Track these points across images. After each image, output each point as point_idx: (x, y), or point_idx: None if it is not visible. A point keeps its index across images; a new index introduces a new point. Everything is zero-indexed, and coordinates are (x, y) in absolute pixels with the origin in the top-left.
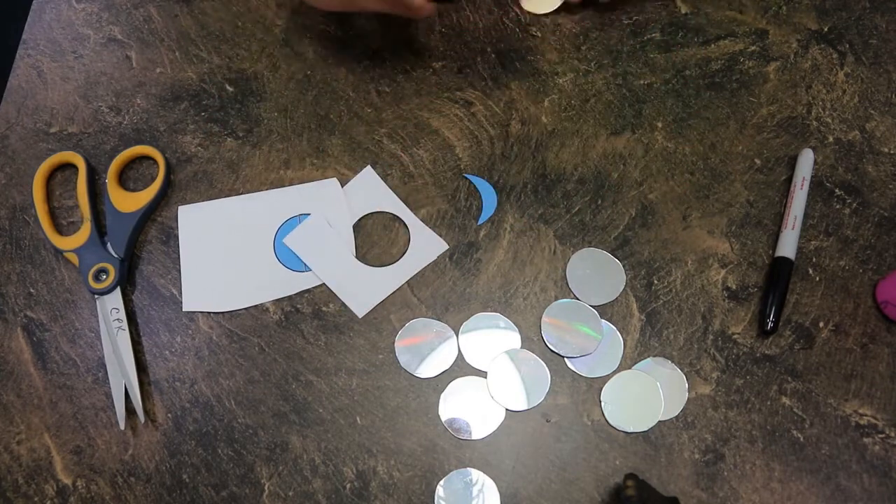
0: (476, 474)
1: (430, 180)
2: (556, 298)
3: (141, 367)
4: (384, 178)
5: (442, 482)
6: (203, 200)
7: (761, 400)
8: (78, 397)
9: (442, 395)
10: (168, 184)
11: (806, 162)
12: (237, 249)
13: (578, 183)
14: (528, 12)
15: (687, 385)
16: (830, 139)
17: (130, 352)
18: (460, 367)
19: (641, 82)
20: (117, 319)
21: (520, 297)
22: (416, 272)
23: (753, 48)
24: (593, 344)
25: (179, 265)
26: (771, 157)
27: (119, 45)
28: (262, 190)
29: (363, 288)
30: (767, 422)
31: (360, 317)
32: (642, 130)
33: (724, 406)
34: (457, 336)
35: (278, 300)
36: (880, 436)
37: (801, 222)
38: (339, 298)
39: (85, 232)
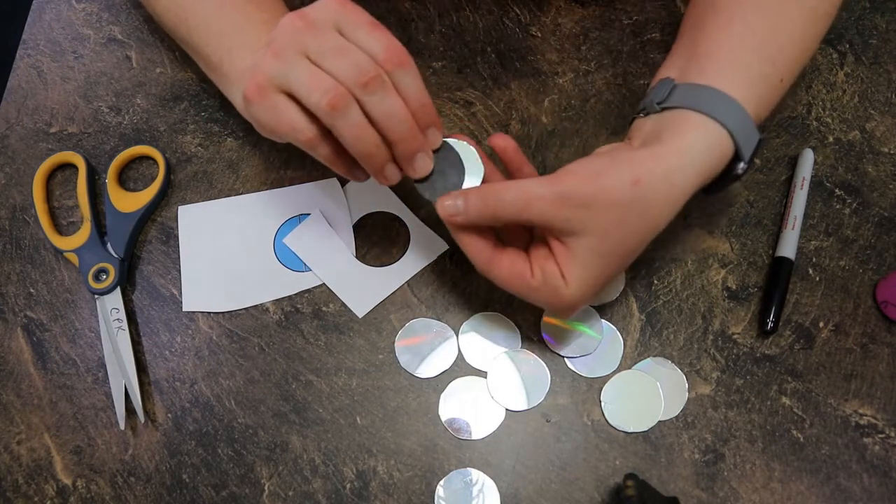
0: (476, 474)
1: None
2: None
3: (141, 367)
4: None
5: (442, 482)
6: (203, 200)
7: (761, 400)
8: (78, 397)
9: (442, 395)
10: (168, 184)
11: (806, 162)
12: (237, 249)
13: None
14: None
15: (687, 385)
16: (830, 139)
17: (130, 352)
18: (460, 367)
19: (641, 82)
20: (117, 319)
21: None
22: (416, 272)
23: None
24: (593, 344)
25: (179, 265)
26: (771, 157)
27: (119, 45)
28: (262, 190)
29: (363, 288)
30: (767, 422)
31: (360, 317)
32: None
33: (724, 406)
34: (457, 336)
35: (278, 300)
36: (880, 436)
37: (801, 222)
38: (339, 298)
39: (85, 232)
